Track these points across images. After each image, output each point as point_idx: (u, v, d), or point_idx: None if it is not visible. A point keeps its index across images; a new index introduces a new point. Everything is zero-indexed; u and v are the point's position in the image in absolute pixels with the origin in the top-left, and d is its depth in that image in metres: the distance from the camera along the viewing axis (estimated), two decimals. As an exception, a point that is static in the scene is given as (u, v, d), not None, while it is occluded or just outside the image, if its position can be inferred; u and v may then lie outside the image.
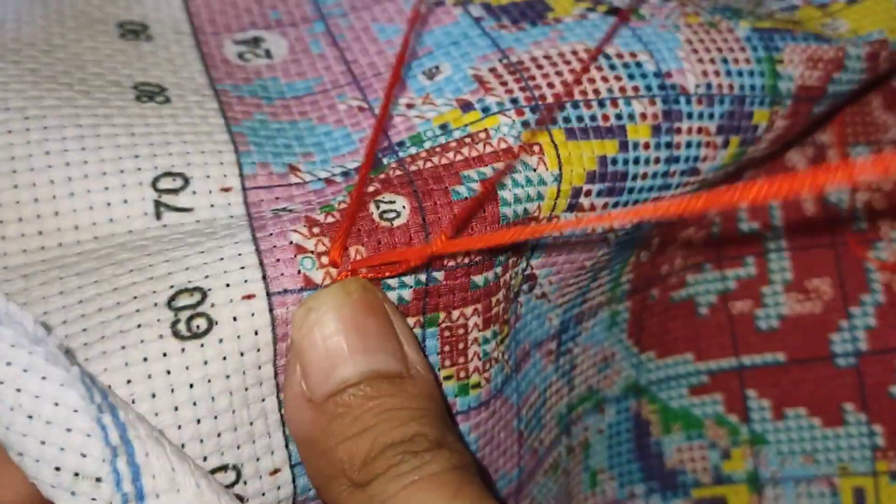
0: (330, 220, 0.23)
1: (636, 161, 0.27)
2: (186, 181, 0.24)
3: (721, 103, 0.28)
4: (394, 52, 0.30)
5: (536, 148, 0.25)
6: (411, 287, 0.23)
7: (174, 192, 0.24)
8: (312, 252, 0.22)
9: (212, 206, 0.24)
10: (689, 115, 0.28)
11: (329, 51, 0.30)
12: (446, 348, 0.25)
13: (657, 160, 0.27)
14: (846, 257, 0.36)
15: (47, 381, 0.19)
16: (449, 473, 0.20)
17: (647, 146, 0.27)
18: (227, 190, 0.24)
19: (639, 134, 0.27)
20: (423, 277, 0.24)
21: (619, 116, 0.27)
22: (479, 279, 0.24)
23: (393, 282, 0.23)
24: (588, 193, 0.26)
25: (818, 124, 0.38)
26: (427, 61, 0.29)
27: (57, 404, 0.19)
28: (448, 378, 0.25)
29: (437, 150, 0.25)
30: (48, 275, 0.22)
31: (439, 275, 0.24)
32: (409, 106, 0.27)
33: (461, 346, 0.25)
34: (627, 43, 0.28)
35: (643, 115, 0.27)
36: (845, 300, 0.36)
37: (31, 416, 0.19)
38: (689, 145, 0.28)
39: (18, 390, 0.19)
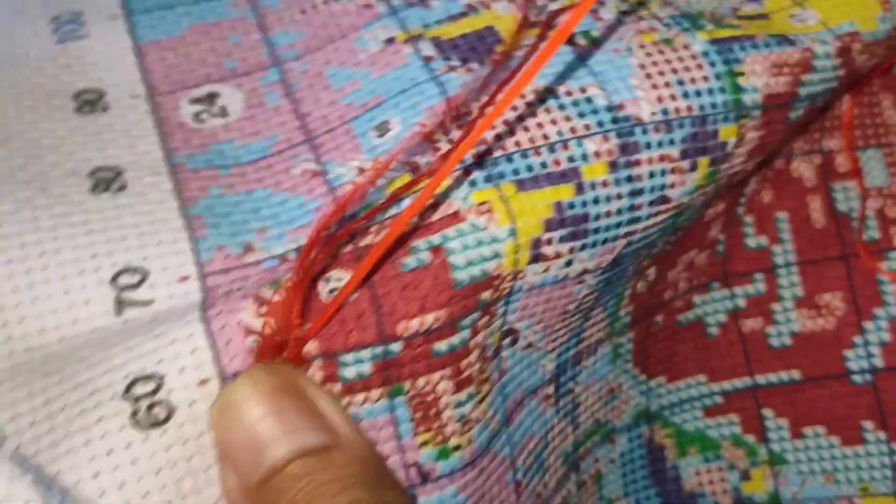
0: (277, 298, 0.23)
1: (595, 201, 0.26)
2: (144, 276, 0.25)
3: (681, 127, 0.27)
4: (346, 101, 0.29)
5: (484, 207, 0.25)
6: (369, 361, 0.24)
7: (133, 287, 0.25)
8: (261, 334, 0.23)
9: (170, 297, 0.25)
10: (648, 146, 0.27)
11: (283, 102, 0.30)
12: (417, 415, 0.25)
13: (619, 196, 0.27)
14: (857, 269, 0.35)
15: (11, 483, 0.20)
16: None
17: (605, 184, 0.26)
18: (184, 279, 0.25)
19: (595, 173, 0.26)
20: (379, 350, 0.24)
21: (571, 159, 0.26)
22: (441, 346, 0.24)
23: (348, 358, 0.23)
24: (549, 242, 0.26)
25: (822, 131, 0.36)
26: (379, 114, 0.28)
27: None
28: (425, 444, 0.25)
29: (388, 221, 0.25)
30: (15, 380, 0.23)
31: (396, 346, 0.24)
32: (361, 171, 0.27)
33: (433, 411, 0.25)
34: (577, 77, 0.28)
35: (597, 154, 0.26)
36: (858, 315, 0.35)
37: None
38: (652, 175, 0.27)
39: None
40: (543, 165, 0.26)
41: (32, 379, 0.23)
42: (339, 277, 0.24)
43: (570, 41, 0.29)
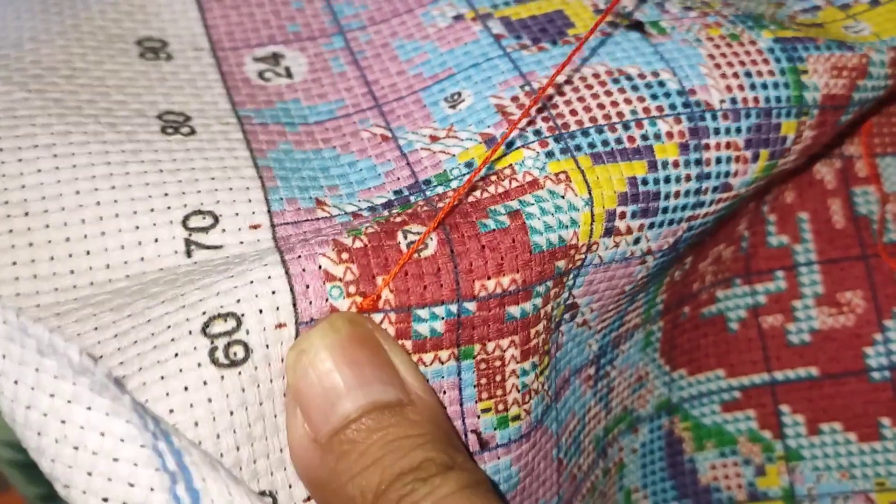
0: (358, 244, 0.23)
1: (667, 180, 0.27)
2: (216, 219, 0.24)
3: (748, 117, 0.28)
4: (414, 72, 0.29)
5: (563, 176, 0.25)
6: (443, 318, 0.23)
7: (204, 230, 0.24)
8: (341, 280, 0.22)
9: (241, 242, 0.24)
10: (717, 131, 0.27)
11: (349, 69, 0.30)
12: (483, 381, 0.25)
13: (688, 178, 0.27)
14: (878, 270, 0.36)
15: (92, 412, 0.19)
16: (460, 494, 0.20)
17: (676, 164, 0.27)
18: (256, 227, 0.24)
19: (667, 153, 0.27)
20: (454, 308, 0.23)
21: (644, 137, 0.27)
22: (514, 310, 0.24)
23: (423, 313, 0.23)
24: (623, 216, 0.26)
25: (844, 136, 0.37)
26: (449, 86, 0.28)
27: (103, 434, 0.19)
28: (486, 411, 0.25)
29: (465, 186, 0.25)
30: (81, 312, 0.22)
31: (471, 305, 0.24)
32: (434, 139, 0.27)
33: (498, 378, 0.25)
34: (649, 62, 0.28)
35: (669, 134, 0.27)
36: (879, 313, 0.36)
37: (76, 448, 0.19)
38: (718, 161, 0.27)
39: (63, 422, 0.19)
40: (619, 141, 0.26)
41: (100, 313, 0.22)
42: (419, 231, 0.23)
43: (641, 30, 0.29)
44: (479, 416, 0.25)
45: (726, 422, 0.37)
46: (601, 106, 0.27)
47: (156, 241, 0.24)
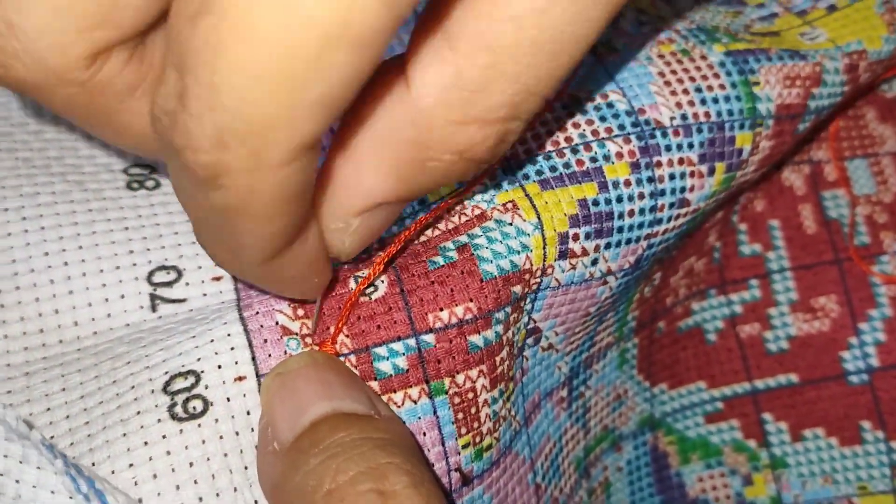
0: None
1: (619, 199, 0.27)
2: (180, 273, 0.25)
3: (699, 132, 0.28)
4: None
5: (510, 205, 0.26)
6: (403, 354, 0.24)
7: (168, 284, 0.25)
8: (297, 334, 0.23)
9: (204, 295, 0.25)
10: (668, 148, 0.28)
11: None
12: (460, 416, 0.25)
13: (641, 196, 0.27)
14: (851, 273, 0.36)
15: (42, 471, 0.20)
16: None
17: (627, 183, 0.27)
18: (218, 279, 0.25)
19: (617, 173, 0.27)
20: (412, 342, 0.24)
21: (594, 159, 0.27)
22: (477, 339, 0.25)
23: (382, 350, 0.24)
24: (576, 238, 0.26)
25: (811, 141, 0.38)
26: None
27: (53, 492, 0.20)
28: (466, 446, 0.25)
29: (414, 227, 0.25)
30: (50, 372, 0.23)
31: (429, 338, 0.24)
32: None
33: (473, 410, 0.25)
34: (599, 84, 0.28)
35: (619, 154, 0.27)
36: (853, 317, 0.36)
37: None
38: (672, 177, 0.28)
39: (17, 481, 0.20)
40: (567, 166, 0.27)
41: (68, 373, 0.23)
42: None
43: (593, 50, 0.29)
44: (460, 453, 0.25)
45: (710, 433, 0.37)
46: (549, 133, 0.27)
47: (122, 297, 0.24)
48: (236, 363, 0.22)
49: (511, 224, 0.25)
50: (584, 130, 0.27)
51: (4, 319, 0.24)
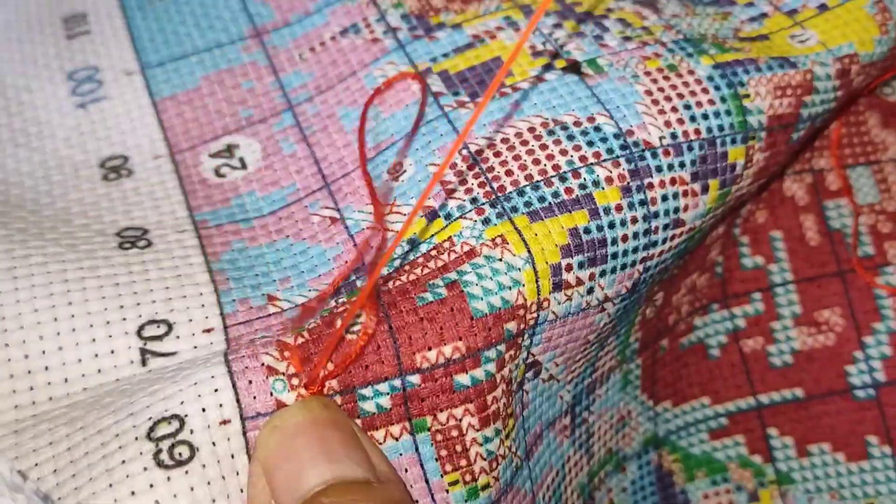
0: (300, 339, 0.23)
1: (611, 225, 0.26)
2: (170, 327, 0.25)
3: (690, 150, 0.27)
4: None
5: (499, 240, 0.25)
6: (387, 394, 0.23)
7: (158, 338, 0.25)
8: (283, 374, 0.23)
9: (195, 347, 0.25)
10: (659, 169, 0.27)
11: (299, 148, 0.30)
12: (443, 453, 0.24)
13: (634, 220, 0.27)
14: (854, 285, 0.36)
15: None
16: None
17: (619, 208, 0.26)
18: (209, 331, 0.25)
19: (608, 198, 0.26)
20: (397, 383, 0.24)
21: (583, 186, 0.26)
22: (463, 379, 0.24)
23: (367, 391, 0.23)
24: (569, 268, 0.26)
25: (812, 149, 0.37)
26: (391, 155, 0.28)
27: None
28: (454, 483, 0.25)
29: (406, 268, 0.25)
30: (38, 428, 0.23)
31: (415, 378, 0.24)
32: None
33: (459, 448, 0.25)
34: (585, 106, 0.28)
35: (609, 179, 0.27)
36: (858, 330, 0.35)
37: None
38: (665, 198, 0.27)
39: None
40: (555, 195, 0.26)
41: (55, 427, 0.23)
42: (358, 313, 0.24)
43: (578, 71, 0.29)
44: (447, 491, 0.25)
45: (715, 449, 0.36)
46: (536, 161, 0.27)
47: (112, 352, 0.24)
48: (220, 405, 0.22)
49: (501, 259, 0.25)
50: (571, 157, 0.27)
51: None
